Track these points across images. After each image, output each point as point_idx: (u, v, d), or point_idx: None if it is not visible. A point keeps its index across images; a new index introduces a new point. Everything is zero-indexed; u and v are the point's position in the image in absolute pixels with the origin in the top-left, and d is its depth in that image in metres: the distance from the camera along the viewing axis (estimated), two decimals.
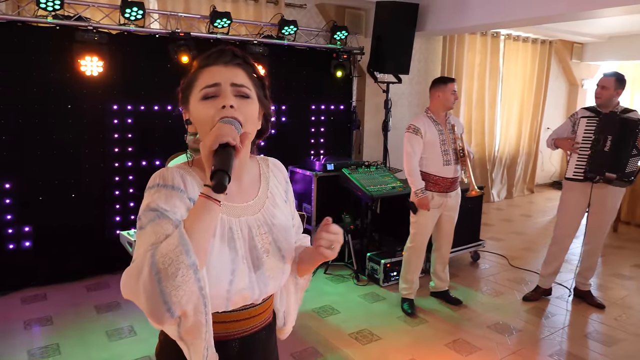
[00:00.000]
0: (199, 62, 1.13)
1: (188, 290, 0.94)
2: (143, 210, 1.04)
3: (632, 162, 3.41)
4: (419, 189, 3.44)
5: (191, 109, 1.12)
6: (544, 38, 7.62)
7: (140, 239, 1.01)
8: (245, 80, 1.12)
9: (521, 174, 7.98)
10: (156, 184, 1.07)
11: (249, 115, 1.10)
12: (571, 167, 3.59)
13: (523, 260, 4.83)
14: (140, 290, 0.93)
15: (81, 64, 3.68)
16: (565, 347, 3.18)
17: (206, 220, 0.98)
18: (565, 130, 3.72)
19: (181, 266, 0.93)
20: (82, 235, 4.08)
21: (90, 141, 4.02)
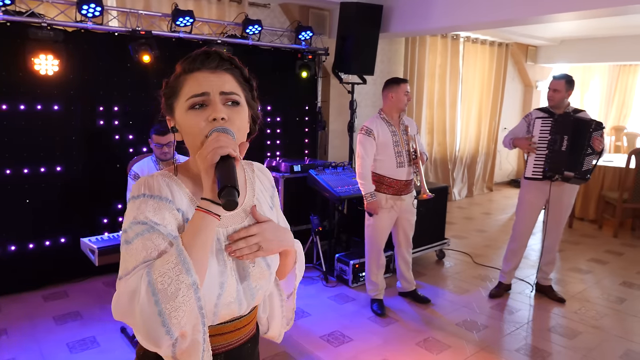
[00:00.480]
0: (183, 66, 1.06)
1: (188, 311, 0.90)
2: (129, 222, 0.97)
3: (587, 160, 3.57)
4: (368, 192, 3.43)
5: (177, 118, 1.06)
6: (501, 41, 7.87)
7: (127, 254, 0.94)
8: (234, 86, 1.06)
9: (481, 172, 8.20)
10: (142, 194, 1.00)
11: (240, 125, 1.05)
12: (530, 166, 3.71)
13: (486, 257, 4.96)
14: (137, 312, 0.87)
15: (35, 62, 3.49)
16: (530, 341, 3.28)
17: (206, 236, 0.94)
18: (521, 130, 3.84)
19: (182, 286, 0.88)
20: (38, 242, 3.87)
21: (46, 143, 3.82)
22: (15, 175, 3.72)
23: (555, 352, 3.14)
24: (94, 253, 2.76)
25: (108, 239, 2.92)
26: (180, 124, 1.05)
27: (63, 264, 3.97)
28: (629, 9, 3.84)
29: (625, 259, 4.98)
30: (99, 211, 4.12)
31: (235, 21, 4.69)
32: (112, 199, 4.13)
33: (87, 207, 4.06)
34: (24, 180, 3.76)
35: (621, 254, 5.11)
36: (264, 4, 5.19)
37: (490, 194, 8.23)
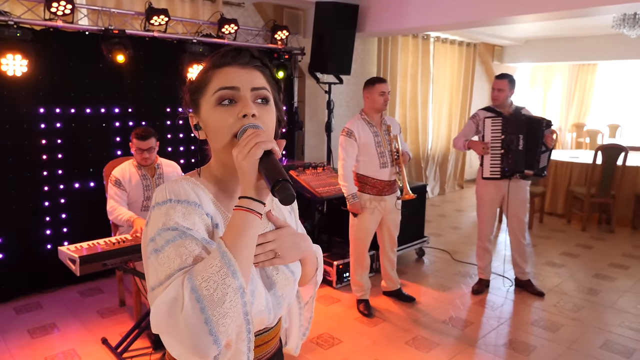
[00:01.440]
0: (213, 61, 1.01)
1: (235, 317, 0.84)
2: (157, 230, 0.91)
3: (542, 157, 3.72)
4: (349, 194, 3.42)
5: (203, 114, 1.01)
6: (469, 41, 8.03)
7: (158, 263, 0.88)
8: (265, 83, 1.02)
9: (452, 170, 8.35)
10: (168, 200, 0.94)
11: (269, 124, 1.01)
12: (486, 167, 3.79)
13: (464, 254, 5.04)
14: (181, 322, 0.81)
15: (2, 63, 3.30)
16: (515, 336, 3.35)
17: (249, 236, 0.89)
18: (470, 131, 3.93)
19: (229, 290, 0.83)
20: (7, 251, 3.66)
21: (14, 149, 3.62)
22: None
23: (540, 345, 3.22)
24: (75, 262, 2.62)
25: (88, 247, 2.79)
26: (206, 121, 1.00)
27: (34, 274, 3.78)
28: (588, 12, 4.05)
29: (596, 251, 5.17)
30: (71, 219, 3.94)
31: (210, 20, 4.59)
32: (87, 205, 3.96)
33: (59, 214, 3.88)
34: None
35: (591, 247, 5.30)
36: (238, 3, 5.11)
37: (461, 191, 8.39)
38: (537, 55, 8.54)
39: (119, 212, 3.15)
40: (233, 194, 1.06)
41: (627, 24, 5.55)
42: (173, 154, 4.33)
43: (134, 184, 3.29)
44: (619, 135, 9.90)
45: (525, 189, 3.95)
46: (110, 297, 3.80)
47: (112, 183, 3.24)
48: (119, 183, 3.24)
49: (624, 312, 3.72)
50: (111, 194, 3.23)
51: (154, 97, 4.27)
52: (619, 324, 3.51)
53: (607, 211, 6.08)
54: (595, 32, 7.45)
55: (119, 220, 3.16)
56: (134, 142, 3.21)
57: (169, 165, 3.49)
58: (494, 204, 3.95)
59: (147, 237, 0.93)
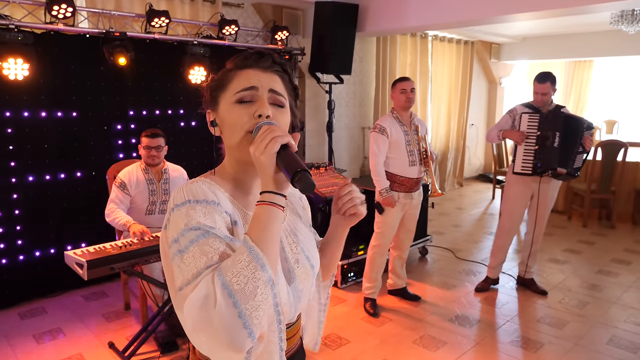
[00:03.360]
0: (235, 62, 1.05)
1: (267, 309, 0.87)
2: (180, 231, 0.92)
3: (578, 158, 3.68)
4: (383, 188, 3.45)
5: (221, 111, 1.04)
6: (467, 39, 8.04)
7: (184, 263, 0.89)
8: (282, 88, 1.05)
9: (451, 168, 8.36)
10: (187, 201, 0.95)
11: (283, 127, 1.03)
12: (518, 162, 3.75)
13: (467, 252, 5.05)
14: (214, 318, 0.82)
15: (3, 67, 3.27)
16: (522, 333, 3.35)
17: (274, 230, 0.90)
18: (506, 124, 3.88)
19: (259, 283, 0.85)
20: (11, 258, 3.64)
21: (16, 153, 3.59)
22: None
23: (547, 342, 3.23)
24: (83, 267, 2.61)
25: (94, 251, 2.77)
26: (223, 117, 1.04)
27: (39, 279, 3.76)
28: (586, 9, 4.06)
29: (598, 247, 5.19)
30: (75, 222, 3.92)
31: (210, 22, 4.57)
32: (89, 209, 3.93)
33: (62, 218, 3.85)
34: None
35: (593, 243, 5.32)
36: (238, 3, 5.09)
37: (460, 189, 8.40)
38: (534, 52, 8.56)
39: (117, 216, 3.13)
40: (249, 191, 1.09)
41: (625, 20, 5.57)
42: (175, 156, 4.30)
43: (141, 188, 3.28)
44: (616, 131, 9.95)
45: (555, 188, 3.86)
46: (115, 301, 3.78)
47: (117, 185, 3.22)
48: (123, 186, 3.22)
49: (629, 307, 3.74)
50: (112, 197, 3.21)
51: (156, 99, 4.25)
52: (625, 320, 3.53)
53: (607, 207, 6.10)
54: (591, 28, 7.48)
55: (115, 224, 3.14)
56: (143, 140, 3.21)
57: (176, 170, 3.48)
58: (522, 202, 3.87)
59: (170, 239, 0.94)
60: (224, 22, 4.43)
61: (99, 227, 3.67)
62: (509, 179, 3.91)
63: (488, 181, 8.79)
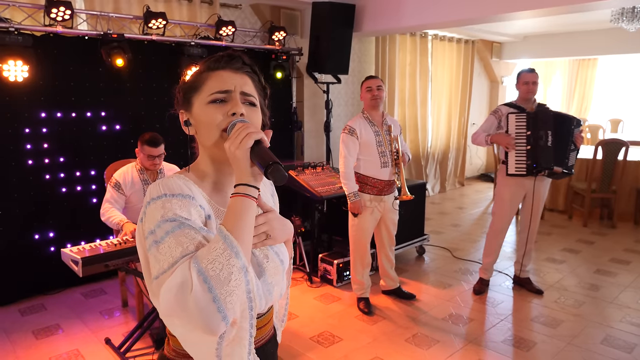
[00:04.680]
0: (208, 64, 1.10)
1: (240, 295, 0.91)
2: (156, 222, 0.96)
3: (571, 156, 3.69)
4: (351, 192, 3.44)
5: (195, 111, 1.08)
6: (467, 38, 8.04)
7: (159, 253, 0.94)
8: (253, 89, 1.11)
9: (452, 168, 8.36)
10: (163, 195, 1.00)
11: (255, 124, 1.08)
12: (511, 163, 3.70)
13: (464, 251, 5.06)
14: (189, 302, 0.87)
15: (3, 68, 3.34)
16: (516, 332, 3.36)
17: (247, 219, 0.95)
18: (491, 126, 3.84)
19: (234, 270, 0.90)
20: (11, 255, 3.71)
21: (16, 153, 3.66)
22: None
23: (540, 341, 3.24)
24: (78, 264, 2.66)
25: (90, 248, 2.82)
26: (198, 117, 1.08)
27: (38, 276, 3.82)
28: (586, 6, 4.04)
29: (597, 247, 5.18)
30: (76, 221, 3.98)
31: (208, 22, 4.62)
32: (87, 206, 4.00)
33: (62, 217, 3.92)
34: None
35: (592, 243, 5.31)
36: (235, 4, 5.14)
37: (462, 189, 8.40)
38: (536, 51, 8.54)
39: (111, 214, 3.18)
40: (222, 188, 1.13)
41: (625, 18, 5.55)
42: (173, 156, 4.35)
43: (136, 189, 3.32)
44: (621, 129, 9.89)
45: (547, 186, 3.88)
46: (113, 298, 3.84)
47: (112, 185, 3.27)
48: (118, 186, 3.27)
49: (625, 307, 3.74)
50: (107, 197, 3.26)
51: (154, 99, 4.30)
52: (620, 319, 3.53)
53: (608, 206, 6.08)
54: (593, 26, 7.45)
55: (110, 223, 3.19)
56: (145, 149, 3.23)
57: (171, 169, 3.52)
58: (515, 202, 3.87)
59: (146, 230, 0.98)
60: (221, 23, 4.48)
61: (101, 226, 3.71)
62: (502, 180, 3.89)
63: (490, 180, 8.79)
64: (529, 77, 3.71)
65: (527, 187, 3.80)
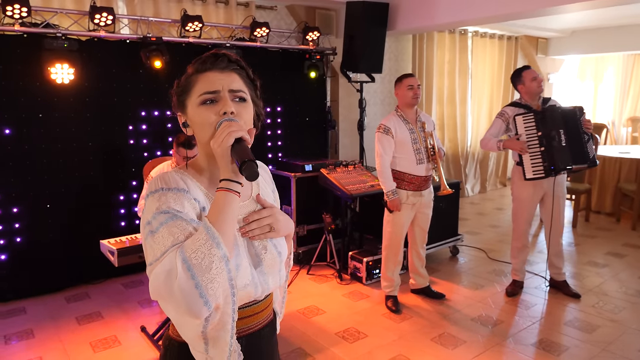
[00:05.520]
0: (195, 67, 1.16)
1: (221, 282, 0.98)
2: (152, 214, 1.04)
3: (589, 147, 3.58)
4: (389, 190, 3.47)
5: (189, 113, 1.15)
6: (510, 34, 7.82)
7: (154, 242, 1.02)
8: (241, 84, 1.16)
9: (493, 168, 8.16)
10: (159, 188, 1.08)
11: (247, 118, 1.14)
12: (527, 167, 3.58)
13: (500, 252, 4.95)
14: (175, 288, 0.94)
15: (51, 71, 3.59)
16: (547, 336, 3.27)
17: (230, 212, 1.02)
18: (499, 130, 3.74)
19: (214, 259, 0.96)
20: (60, 246, 3.97)
21: (62, 151, 3.92)
22: (35, 181, 3.82)
23: (573, 345, 3.14)
24: (114, 254, 2.83)
25: (126, 240, 2.99)
26: (192, 119, 1.14)
27: (84, 267, 4.07)
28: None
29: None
30: (117, 215, 4.22)
31: (243, 24, 4.75)
32: (129, 202, 4.22)
33: (105, 211, 4.16)
34: (44, 186, 3.87)
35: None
36: (271, 6, 5.25)
37: (503, 189, 8.18)
38: (585, 46, 8.17)
39: None
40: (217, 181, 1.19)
41: None
42: None
43: None
44: None
45: (565, 184, 3.82)
46: None
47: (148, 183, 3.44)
48: None
49: None
50: (144, 193, 3.43)
51: None
52: None
53: None
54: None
55: None
56: (180, 151, 3.35)
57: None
58: (533, 203, 3.79)
59: (144, 221, 1.07)
60: (255, 25, 4.59)
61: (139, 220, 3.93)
62: (518, 182, 3.76)
63: None
64: (534, 73, 3.66)
65: (545, 187, 3.70)
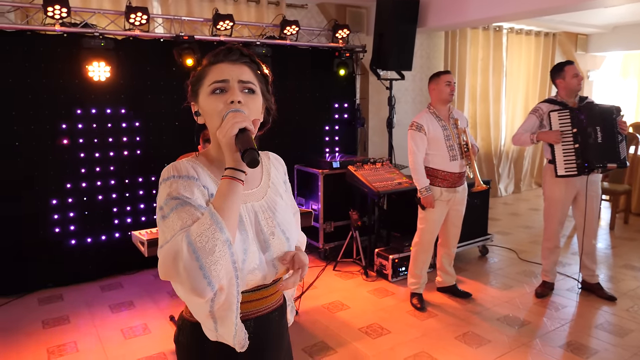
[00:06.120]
0: (209, 59, 1.22)
1: (225, 264, 1.03)
2: (164, 200, 1.11)
3: (622, 147, 3.47)
4: (423, 187, 3.46)
5: (200, 102, 1.20)
6: (547, 30, 7.61)
7: (165, 226, 1.08)
8: (251, 76, 1.20)
9: (529, 167, 7.96)
10: (171, 176, 1.14)
11: (254, 109, 1.18)
12: (560, 164, 3.51)
13: (532, 253, 4.83)
14: (180, 269, 1.00)
15: (89, 69, 3.75)
16: (575, 338, 3.19)
17: (233, 199, 1.07)
18: (533, 125, 3.66)
19: (217, 242, 1.01)
20: (95, 238, 4.15)
21: (100, 145, 4.09)
22: (73, 174, 4.01)
23: (603, 349, 3.04)
24: (144, 245, 2.94)
25: (157, 231, 3.10)
26: (203, 107, 1.20)
27: (118, 258, 4.24)
28: None
29: None
30: (151, 208, 4.37)
31: (273, 23, 4.82)
32: None
33: (140, 204, 4.31)
34: (81, 179, 4.05)
35: None
36: (301, 4, 5.30)
37: (539, 190, 7.97)
38: (627, 42, 7.85)
39: None
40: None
41: None
42: None
43: None
44: None
45: (599, 184, 3.71)
46: None
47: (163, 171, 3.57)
48: None
49: None
50: None
51: None
52: None
53: None
54: None
55: None
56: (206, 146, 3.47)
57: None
58: (566, 203, 3.70)
59: (158, 206, 1.14)
60: (285, 23, 4.65)
61: None
62: (550, 180, 3.68)
63: None
64: (574, 69, 3.56)
65: (578, 186, 3.60)
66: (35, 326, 3.38)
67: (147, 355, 3.00)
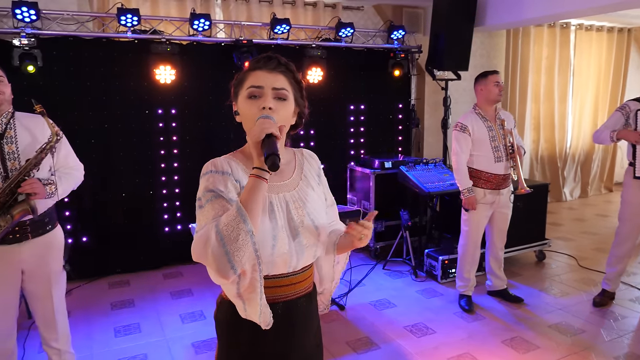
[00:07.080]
0: (250, 65, 1.36)
1: (247, 252, 1.16)
2: (202, 192, 1.26)
3: None
4: (465, 188, 3.43)
5: (239, 104, 1.35)
6: (621, 26, 7.18)
7: (201, 215, 1.24)
8: (285, 84, 1.32)
9: (597, 171, 7.55)
10: (209, 171, 1.29)
11: (283, 115, 1.31)
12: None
13: (594, 260, 4.62)
14: (209, 253, 1.15)
15: (156, 73, 4.05)
16: (635, 350, 3.03)
17: (257, 195, 1.19)
18: (617, 123, 3.47)
19: (241, 232, 1.15)
20: (160, 230, 4.48)
21: (165, 143, 4.40)
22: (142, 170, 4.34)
23: None
24: None
25: None
26: (241, 109, 1.34)
27: (179, 248, 4.53)
28: None
29: None
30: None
31: (328, 25, 4.94)
32: None
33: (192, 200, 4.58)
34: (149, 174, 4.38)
35: None
36: (357, 6, 5.37)
37: (608, 195, 7.53)
38: None
39: None
40: None
41: None
42: None
43: None
44: None
45: None
46: None
47: None
48: None
49: None
50: None
51: None
52: None
53: None
54: None
55: None
56: None
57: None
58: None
59: (197, 197, 1.29)
60: (340, 25, 4.75)
61: None
62: (629, 182, 3.51)
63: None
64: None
65: None
66: (104, 307, 3.72)
67: (202, 340, 3.21)
